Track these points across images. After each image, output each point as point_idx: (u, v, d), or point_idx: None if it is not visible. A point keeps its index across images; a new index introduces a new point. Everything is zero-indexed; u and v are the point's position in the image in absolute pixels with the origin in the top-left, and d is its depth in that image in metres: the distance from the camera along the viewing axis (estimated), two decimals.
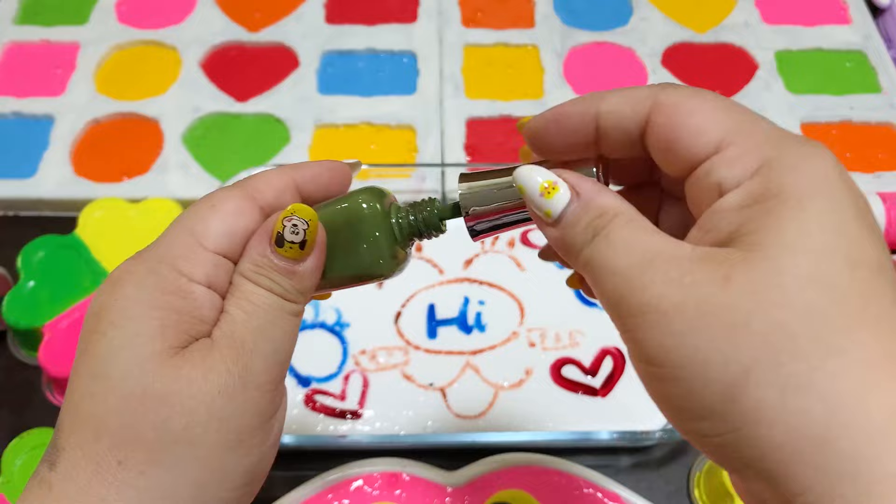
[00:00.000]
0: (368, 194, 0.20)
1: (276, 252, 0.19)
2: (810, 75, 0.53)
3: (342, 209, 0.20)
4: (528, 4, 0.56)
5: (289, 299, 0.19)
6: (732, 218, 0.15)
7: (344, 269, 0.20)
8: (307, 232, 0.19)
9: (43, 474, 0.17)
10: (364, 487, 0.35)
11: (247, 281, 0.19)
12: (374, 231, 0.20)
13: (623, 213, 0.17)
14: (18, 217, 0.47)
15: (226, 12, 0.55)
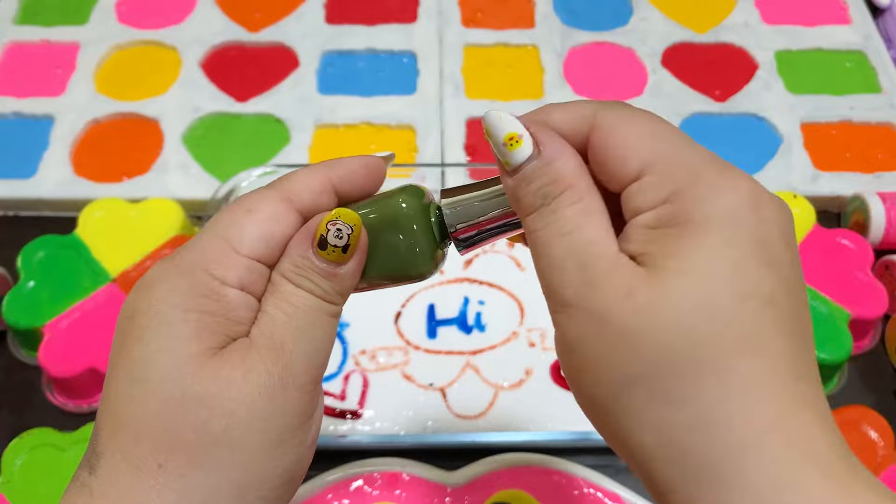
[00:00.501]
0: (408, 194, 0.20)
1: (318, 254, 0.19)
2: (810, 75, 0.53)
3: (383, 210, 0.20)
4: (527, 4, 0.56)
5: (328, 300, 0.19)
6: (641, 236, 0.17)
7: (383, 269, 0.20)
8: (351, 237, 0.19)
9: (83, 478, 0.17)
10: (364, 487, 0.35)
11: (287, 282, 0.19)
12: (414, 231, 0.20)
13: (574, 187, 0.17)
14: (18, 217, 0.47)
15: (226, 12, 0.55)
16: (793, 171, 0.48)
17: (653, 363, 0.15)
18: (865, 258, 0.42)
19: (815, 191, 0.47)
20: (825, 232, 0.43)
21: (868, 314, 0.40)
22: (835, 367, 0.40)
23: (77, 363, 0.37)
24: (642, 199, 0.17)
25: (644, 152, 0.17)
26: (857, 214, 0.46)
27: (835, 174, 0.48)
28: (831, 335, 0.39)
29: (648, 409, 0.16)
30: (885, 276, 0.43)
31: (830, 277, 0.41)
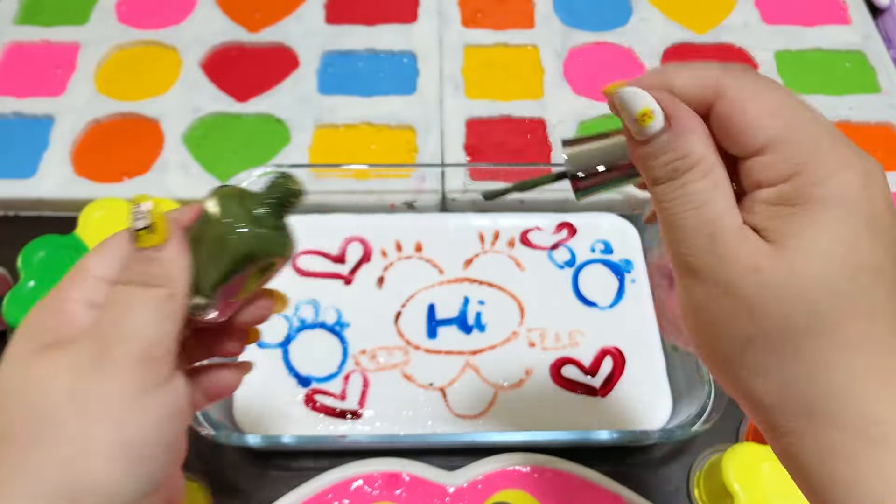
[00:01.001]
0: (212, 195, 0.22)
1: (135, 247, 0.21)
2: (810, 75, 0.53)
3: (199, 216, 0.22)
4: (527, 5, 0.56)
5: (153, 284, 0.21)
6: (764, 212, 0.18)
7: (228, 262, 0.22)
8: (151, 214, 0.21)
9: None
10: (364, 487, 0.35)
11: (115, 284, 0.21)
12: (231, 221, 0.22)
13: (700, 165, 0.19)
14: (19, 217, 0.47)
15: (226, 12, 0.55)
16: None
17: (776, 327, 0.18)
18: None
19: None
20: None
21: None
22: None
23: None
24: (765, 174, 0.18)
25: (768, 129, 0.18)
26: None
27: None
28: None
29: (771, 364, 0.18)
30: None
31: None
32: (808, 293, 0.17)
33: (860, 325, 0.17)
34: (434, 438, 0.37)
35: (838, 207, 0.18)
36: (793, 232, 0.18)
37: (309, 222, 0.45)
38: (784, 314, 0.18)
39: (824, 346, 0.18)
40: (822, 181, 0.18)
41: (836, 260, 0.17)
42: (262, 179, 0.43)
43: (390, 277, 0.43)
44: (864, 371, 0.17)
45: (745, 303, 0.18)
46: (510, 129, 0.50)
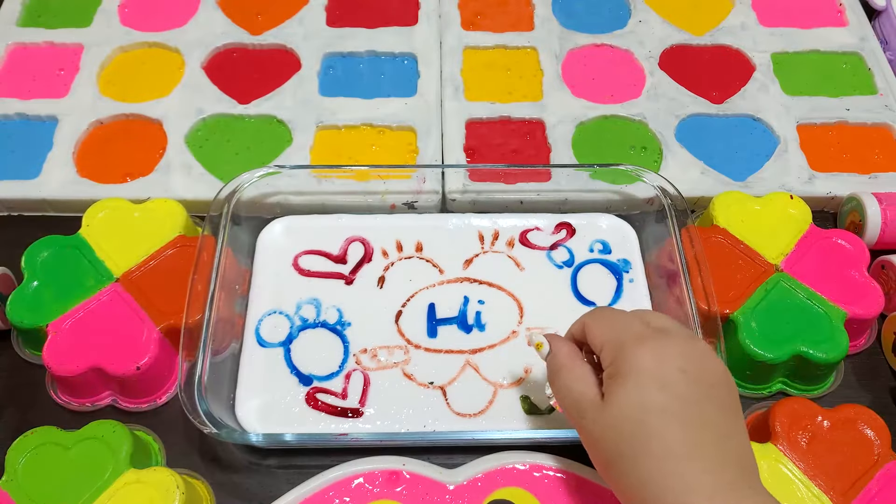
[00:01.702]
0: None
1: None
2: (807, 77, 0.53)
3: None
4: (526, 7, 0.57)
5: None
6: (605, 384, 0.30)
7: None
8: None
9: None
10: (365, 485, 0.35)
11: None
12: None
13: (565, 366, 0.32)
14: (23, 217, 0.48)
15: (228, 15, 0.55)
16: (789, 172, 0.48)
17: (615, 450, 0.29)
18: (861, 258, 0.42)
19: (812, 191, 0.47)
20: (821, 232, 0.43)
21: (864, 314, 0.40)
22: (831, 367, 0.40)
23: (80, 362, 0.37)
24: (604, 363, 0.31)
25: (601, 338, 0.31)
26: (852, 215, 0.47)
27: (831, 175, 0.48)
28: (828, 334, 0.39)
29: (621, 476, 0.29)
30: (882, 275, 0.44)
31: (827, 277, 0.41)
32: (620, 428, 0.28)
33: (656, 444, 0.27)
34: (434, 436, 0.38)
35: (635, 375, 0.29)
36: (611, 392, 0.29)
37: (310, 223, 0.45)
38: (614, 442, 0.29)
39: (638, 461, 0.28)
40: (626, 361, 0.29)
41: (631, 406, 0.28)
42: (264, 181, 0.44)
43: (391, 277, 0.43)
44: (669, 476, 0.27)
45: (595, 437, 0.30)
46: (510, 131, 0.50)
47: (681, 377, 0.28)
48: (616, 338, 0.30)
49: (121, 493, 0.33)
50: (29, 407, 0.40)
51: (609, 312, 0.33)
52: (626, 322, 0.31)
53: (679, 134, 0.50)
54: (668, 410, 0.28)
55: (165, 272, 0.41)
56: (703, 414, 0.28)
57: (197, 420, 0.35)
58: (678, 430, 0.27)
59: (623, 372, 0.29)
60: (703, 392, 0.28)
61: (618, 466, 0.28)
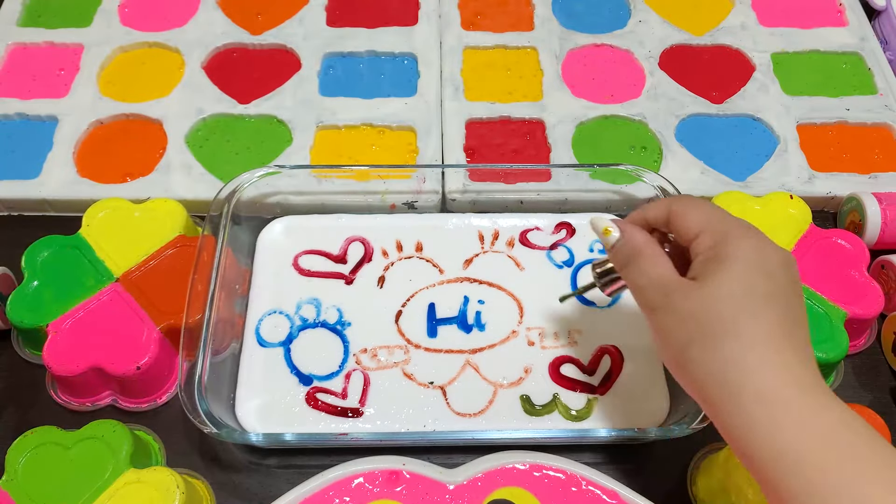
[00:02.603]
0: None
1: None
2: (807, 77, 0.53)
3: None
4: (527, 7, 0.57)
5: None
6: (697, 267, 0.30)
7: None
8: None
9: None
10: (365, 485, 0.35)
11: None
12: None
13: (643, 252, 0.31)
14: (23, 217, 0.48)
15: (228, 15, 0.55)
16: (789, 171, 0.48)
17: (700, 330, 0.28)
18: (861, 258, 0.42)
19: (811, 191, 0.47)
20: (821, 232, 0.43)
21: (864, 313, 0.40)
22: (831, 366, 0.40)
23: (80, 362, 0.37)
24: (699, 247, 0.30)
25: (699, 224, 0.31)
26: (852, 215, 0.47)
27: (831, 175, 0.48)
28: (828, 334, 0.39)
29: (701, 356, 0.28)
30: (881, 275, 0.44)
31: (827, 277, 0.41)
32: (718, 306, 0.28)
33: (752, 327, 0.27)
34: (434, 436, 0.38)
35: (739, 260, 0.28)
36: (709, 273, 0.29)
37: (310, 222, 0.45)
38: (705, 321, 0.28)
39: (729, 341, 0.27)
40: (730, 245, 0.29)
41: (735, 290, 0.28)
42: (264, 181, 0.44)
43: (391, 277, 0.43)
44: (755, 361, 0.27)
45: (681, 316, 0.29)
46: (510, 131, 0.50)
47: (782, 272, 0.29)
48: (718, 225, 0.30)
49: (121, 493, 0.33)
50: (29, 407, 0.40)
51: (701, 201, 0.32)
52: (724, 213, 0.31)
53: (679, 134, 0.50)
54: (773, 296, 0.28)
55: (165, 272, 0.41)
56: (797, 310, 0.28)
57: (197, 420, 0.35)
58: (778, 315, 0.27)
59: (728, 256, 0.28)
60: (797, 291, 0.29)
61: (701, 350, 0.27)
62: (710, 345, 0.27)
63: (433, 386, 0.39)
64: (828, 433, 0.25)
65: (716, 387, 0.27)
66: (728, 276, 0.28)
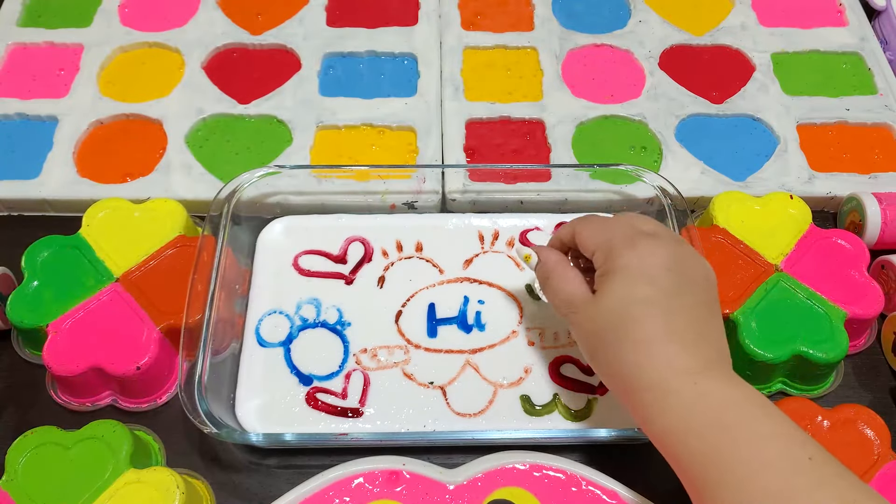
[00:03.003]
0: None
1: None
2: (807, 77, 0.53)
3: None
4: (527, 7, 0.57)
5: None
6: (596, 282, 0.33)
7: None
8: None
9: None
10: (365, 485, 0.35)
11: None
12: None
13: (554, 271, 0.35)
14: (23, 217, 0.48)
15: (228, 15, 0.55)
16: (789, 172, 0.48)
17: (600, 339, 0.32)
18: (861, 258, 0.42)
19: (811, 191, 0.47)
20: (821, 232, 0.43)
21: (864, 314, 0.40)
22: (831, 366, 0.40)
23: (80, 362, 0.37)
24: (596, 263, 0.34)
25: (594, 242, 0.34)
26: (852, 215, 0.47)
27: (831, 175, 0.48)
28: (828, 334, 0.39)
29: (604, 358, 0.32)
30: (882, 275, 0.44)
31: (827, 277, 0.41)
32: (607, 318, 0.32)
33: (640, 329, 0.31)
34: (434, 436, 0.38)
35: (620, 272, 0.32)
36: (601, 287, 0.32)
37: (310, 223, 0.45)
38: (602, 330, 0.32)
39: (623, 344, 0.31)
40: (615, 259, 0.32)
41: (619, 298, 0.31)
42: (264, 181, 0.44)
43: (391, 277, 0.43)
44: (642, 359, 0.30)
45: (585, 329, 0.33)
46: (509, 131, 0.50)
47: (665, 274, 0.31)
48: (607, 241, 0.33)
49: (121, 493, 0.33)
50: (29, 407, 0.40)
51: (598, 219, 0.35)
52: (616, 226, 0.33)
53: (679, 134, 0.50)
54: (651, 301, 0.31)
55: (165, 272, 0.41)
56: (683, 305, 0.31)
57: (197, 420, 0.35)
58: (659, 317, 0.30)
59: (613, 270, 0.32)
60: (686, 287, 0.31)
61: (604, 353, 0.32)
62: (609, 349, 0.31)
63: (433, 386, 0.39)
64: (707, 410, 0.29)
65: (619, 381, 0.31)
66: (612, 289, 0.31)
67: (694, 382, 0.29)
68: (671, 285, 0.31)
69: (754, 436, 0.28)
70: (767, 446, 0.28)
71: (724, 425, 0.28)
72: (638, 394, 0.30)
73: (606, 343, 0.31)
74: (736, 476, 0.27)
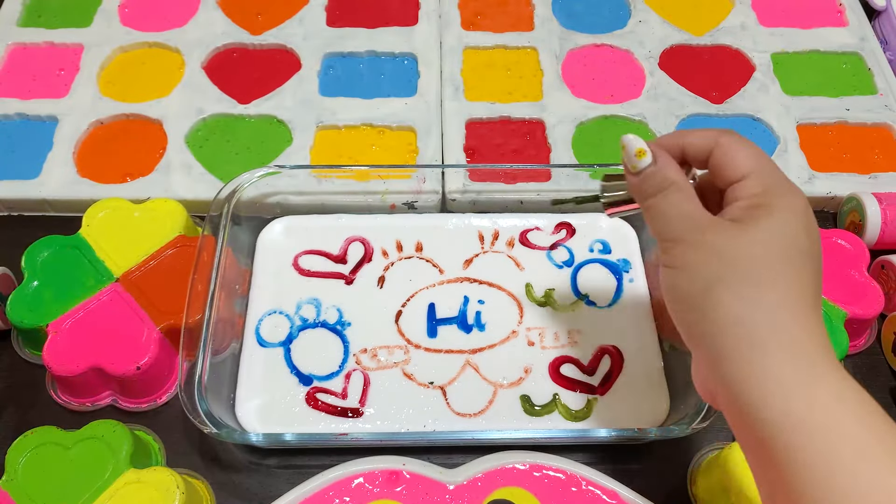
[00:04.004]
0: None
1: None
2: (807, 77, 0.53)
3: None
4: (527, 7, 0.57)
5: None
6: (738, 210, 0.27)
7: None
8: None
9: None
10: (365, 485, 0.35)
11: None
12: None
13: (677, 183, 0.28)
14: (23, 217, 0.48)
15: (228, 15, 0.55)
16: (789, 172, 0.48)
17: (734, 270, 0.26)
18: (861, 258, 0.42)
19: (812, 191, 0.47)
20: (821, 232, 0.43)
21: (864, 314, 0.40)
22: None
23: (80, 362, 0.37)
24: (744, 191, 0.27)
25: (748, 165, 0.28)
26: (852, 215, 0.47)
27: (831, 175, 0.48)
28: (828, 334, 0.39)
29: (729, 297, 0.25)
30: (882, 275, 0.44)
31: (827, 277, 0.41)
32: (756, 251, 0.26)
33: (787, 283, 0.25)
34: (434, 436, 0.38)
35: (788, 212, 0.27)
36: (756, 218, 0.26)
37: (310, 223, 0.45)
38: (740, 261, 0.26)
39: (764, 292, 0.25)
40: (780, 197, 0.27)
41: (781, 239, 0.26)
42: (264, 181, 0.44)
43: (391, 277, 0.43)
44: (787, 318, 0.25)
45: (713, 252, 0.26)
46: (510, 131, 0.50)
47: (817, 237, 0.27)
48: (769, 174, 0.28)
49: (121, 493, 0.33)
50: (29, 407, 0.40)
51: (750, 143, 0.29)
52: (774, 164, 0.29)
53: None
54: (812, 256, 0.26)
55: (165, 272, 0.41)
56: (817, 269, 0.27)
57: (197, 420, 0.35)
58: (812, 276, 0.26)
59: (777, 206, 0.26)
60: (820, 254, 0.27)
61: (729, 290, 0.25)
62: (743, 288, 0.25)
63: (433, 386, 0.39)
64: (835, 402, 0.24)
65: (739, 334, 0.25)
66: (775, 224, 0.26)
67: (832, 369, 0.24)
68: (816, 246, 0.27)
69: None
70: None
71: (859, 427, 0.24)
72: (766, 356, 0.24)
73: (742, 279, 0.25)
74: None
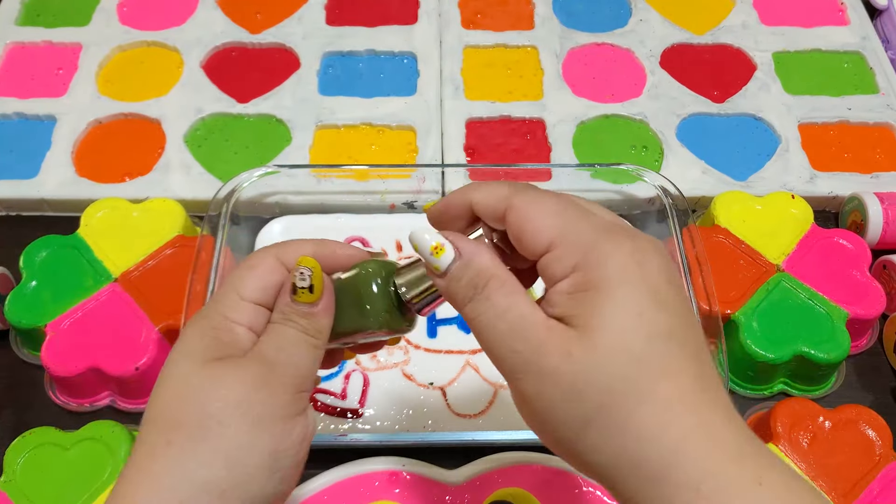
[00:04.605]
0: (372, 265, 0.25)
1: (293, 299, 0.24)
2: (808, 76, 0.53)
3: (351, 275, 0.25)
4: (527, 6, 0.57)
5: (309, 334, 0.24)
6: (564, 302, 0.20)
7: (353, 322, 0.24)
8: (312, 277, 0.23)
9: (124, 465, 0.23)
10: (365, 485, 0.35)
11: (275, 324, 0.24)
12: (373, 294, 0.24)
13: (496, 276, 0.21)
14: (21, 217, 0.48)
15: (227, 14, 0.55)
16: (790, 171, 0.48)
17: (599, 405, 0.19)
18: (863, 258, 0.42)
19: (813, 191, 0.47)
20: (823, 232, 0.43)
21: (866, 314, 0.40)
22: (833, 367, 0.40)
23: (79, 362, 0.37)
24: (557, 267, 0.21)
25: (550, 229, 0.21)
26: (854, 214, 0.46)
27: (832, 174, 0.48)
28: (829, 335, 0.39)
29: (604, 439, 0.20)
30: (883, 275, 0.44)
31: (828, 277, 0.41)
32: (613, 364, 0.19)
33: (665, 385, 0.19)
34: (434, 437, 0.38)
35: (622, 285, 0.20)
36: (591, 313, 0.20)
37: (310, 222, 0.45)
38: (605, 389, 0.19)
39: (642, 410, 0.19)
40: (602, 265, 0.20)
41: (631, 331, 0.20)
42: (263, 180, 0.44)
43: None
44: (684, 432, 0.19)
45: (569, 387, 0.20)
46: (510, 130, 0.50)
47: (666, 286, 0.20)
48: (580, 230, 0.21)
49: None
50: (27, 407, 0.40)
51: (550, 196, 0.22)
52: (579, 210, 0.21)
53: (680, 133, 0.50)
54: (675, 332, 0.20)
55: (164, 272, 0.40)
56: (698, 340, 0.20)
57: None
58: (689, 358, 0.20)
59: (605, 284, 0.20)
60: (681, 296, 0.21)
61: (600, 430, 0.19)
62: (614, 423, 0.19)
63: (433, 386, 0.39)
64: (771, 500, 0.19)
65: (629, 471, 0.19)
66: (615, 318, 0.19)
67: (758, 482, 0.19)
68: (681, 308, 0.20)
69: None
70: None
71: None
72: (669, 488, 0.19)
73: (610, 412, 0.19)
74: None
